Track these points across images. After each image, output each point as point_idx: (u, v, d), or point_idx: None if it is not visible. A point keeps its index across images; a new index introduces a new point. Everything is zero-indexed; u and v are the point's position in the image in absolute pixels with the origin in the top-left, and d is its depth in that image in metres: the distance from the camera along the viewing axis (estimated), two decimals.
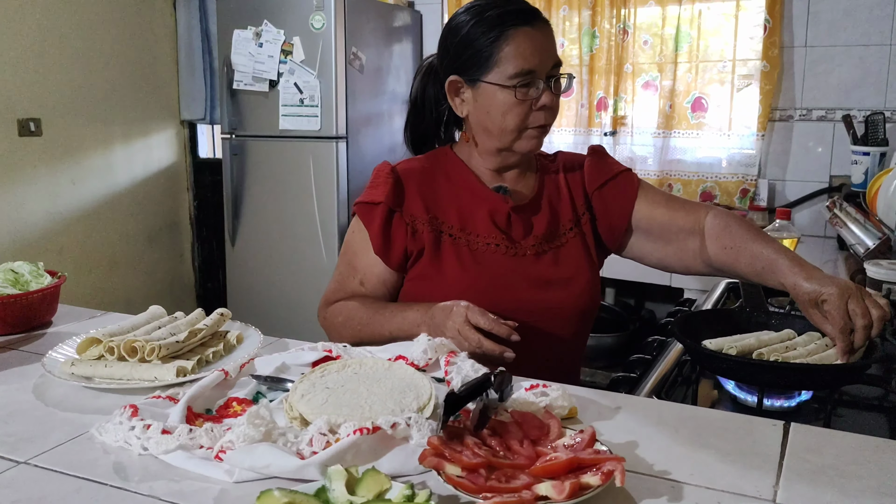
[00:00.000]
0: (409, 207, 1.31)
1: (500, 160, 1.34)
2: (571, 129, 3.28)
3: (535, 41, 1.23)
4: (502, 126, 1.27)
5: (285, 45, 3.04)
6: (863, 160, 2.66)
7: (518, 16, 1.24)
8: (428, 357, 0.99)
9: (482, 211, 1.32)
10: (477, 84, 1.27)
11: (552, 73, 1.26)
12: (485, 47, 1.24)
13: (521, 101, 1.24)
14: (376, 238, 1.29)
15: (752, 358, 1.00)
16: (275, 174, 3.14)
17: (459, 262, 1.29)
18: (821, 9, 2.79)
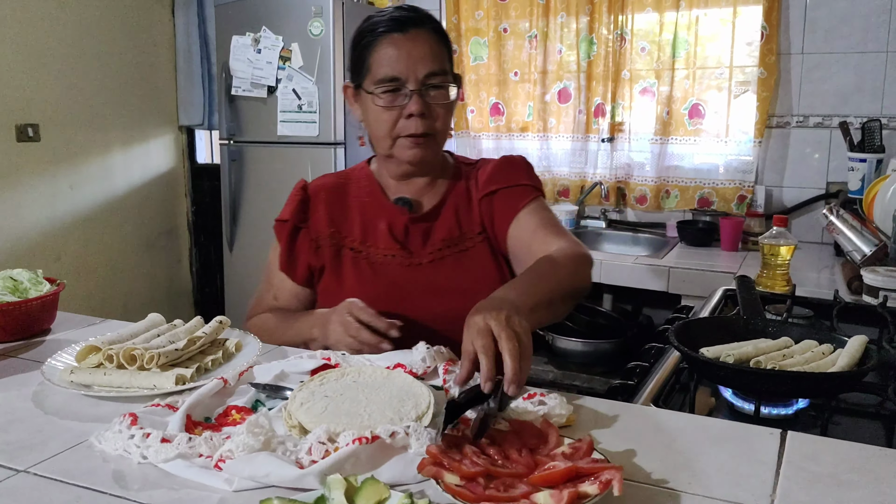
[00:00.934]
0: (314, 224, 1.37)
1: (395, 168, 1.35)
2: (569, 136, 3.29)
3: (402, 48, 1.24)
4: (376, 132, 1.29)
5: (284, 52, 3.05)
6: (859, 167, 2.67)
7: (392, 22, 1.25)
8: (426, 365, 0.99)
9: (382, 224, 1.35)
10: (359, 90, 1.31)
11: (428, 80, 1.25)
12: (360, 54, 1.28)
13: (386, 108, 1.25)
14: (282, 255, 1.37)
15: (750, 366, 1.01)
16: (273, 180, 3.15)
17: (358, 275, 1.33)
18: (817, 16, 2.80)
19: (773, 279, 1.81)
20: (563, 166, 3.33)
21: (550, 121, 3.31)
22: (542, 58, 3.27)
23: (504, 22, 3.32)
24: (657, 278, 2.63)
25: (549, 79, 3.28)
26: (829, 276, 2.39)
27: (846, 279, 2.23)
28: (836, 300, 1.58)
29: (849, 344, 1.07)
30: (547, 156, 3.34)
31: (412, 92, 1.24)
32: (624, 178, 3.21)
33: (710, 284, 2.49)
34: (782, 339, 1.13)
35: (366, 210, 1.37)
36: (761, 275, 1.82)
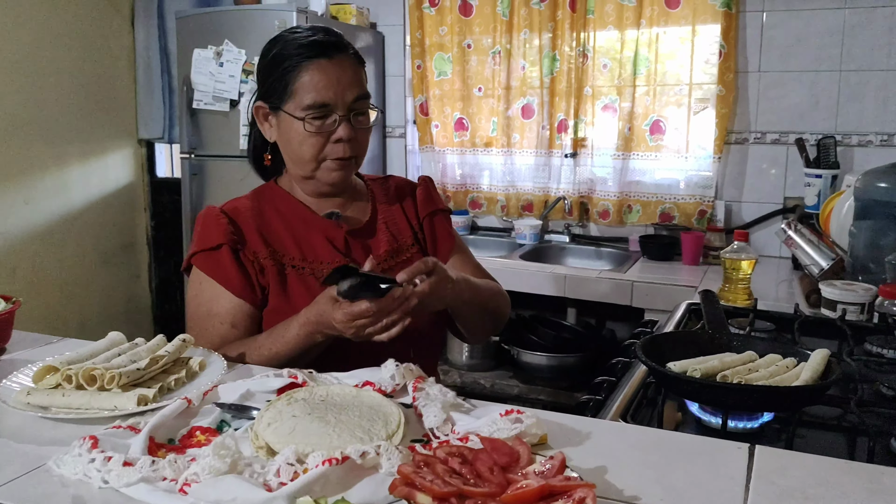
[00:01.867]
0: (250, 245, 1.31)
1: (314, 187, 1.36)
2: (532, 151, 3.31)
3: (330, 74, 1.26)
4: (299, 155, 1.29)
5: (246, 65, 3.02)
6: (815, 182, 2.74)
7: (317, 48, 1.26)
8: (395, 383, 0.98)
9: (319, 238, 1.34)
10: (278, 112, 1.30)
11: (355, 105, 1.29)
12: (282, 76, 1.26)
13: (314, 133, 1.26)
14: (235, 278, 1.28)
15: (717, 380, 1.02)
16: (234, 194, 3.06)
17: (308, 291, 1.28)
18: (774, 35, 2.87)
19: (735, 293, 1.83)
20: (526, 181, 3.35)
21: (514, 136, 3.33)
22: (505, 74, 3.29)
23: (468, 38, 3.34)
24: (621, 292, 2.65)
25: (512, 94, 3.30)
26: (788, 290, 2.44)
27: (804, 292, 2.28)
28: (796, 314, 1.61)
29: (811, 357, 1.09)
30: (511, 171, 3.36)
31: (341, 118, 1.28)
32: (587, 193, 3.25)
33: (673, 298, 2.52)
34: (747, 353, 1.14)
35: (295, 227, 1.35)
36: (723, 289, 1.85)
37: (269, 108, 1.32)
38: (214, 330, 1.28)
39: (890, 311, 1.66)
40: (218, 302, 1.29)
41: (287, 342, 1.20)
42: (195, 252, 1.31)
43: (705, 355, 1.15)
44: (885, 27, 2.71)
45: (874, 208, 1.94)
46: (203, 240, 1.30)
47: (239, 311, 1.29)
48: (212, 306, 1.29)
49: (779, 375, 1.06)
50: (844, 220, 2.16)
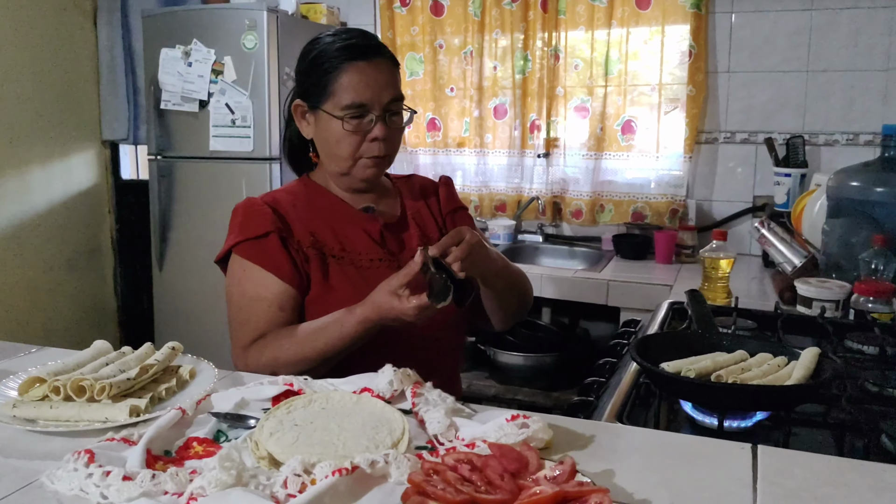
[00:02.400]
0: (295, 234, 1.36)
1: (348, 183, 1.42)
2: (505, 151, 3.32)
3: (369, 76, 1.32)
4: (336, 153, 1.35)
5: (216, 65, 2.97)
6: (785, 181, 2.78)
7: (355, 50, 1.32)
8: (394, 388, 0.97)
9: (356, 230, 1.41)
10: (317, 111, 1.36)
11: (390, 106, 1.35)
12: (322, 77, 1.33)
13: (352, 132, 1.32)
14: (283, 264, 1.32)
15: (712, 380, 1.02)
16: (205, 196, 3.05)
17: (348, 282, 1.34)
18: (742, 36, 2.91)
19: (715, 291, 1.85)
20: (499, 181, 3.35)
21: (487, 136, 3.33)
22: (477, 74, 3.29)
23: (439, 38, 3.33)
24: (596, 292, 2.66)
25: (484, 95, 3.30)
26: (760, 287, 2.47)
27: (777, 290, 2.31)
28: (777, 311, 1.63)
29: (802, 356, 1.10)
30: (484, 171, 3.36)
31: (377, 118, 1.33)
32: (560, 193, 3.26)
33: (648, 297, 2.54)
34: (738, 353, 1.15)
35: (334, 220, 1.41)
36: (703, 287, 1.87)
37: (307, 107, 1.38)
38: (263, 313, 1.32)
39: (865, 307, 1.69)
40: (265, 287, 1.32)
41: (343, 337, 1.24)
42: (240, 241, 1.34)
43: (696, 355, 1.16)
44: (850, 28, 2.77)
45: (846, 207, 1.97)
46: (248, 229, 1.34)
47: (286, 296, 1.32)
48: (259, 291, 1.32)
49: (771, 374, 1.07)
50: (817, 218, 2.20)
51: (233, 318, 1.36)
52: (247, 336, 1.32)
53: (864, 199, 1.91)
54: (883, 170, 1.92)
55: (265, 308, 1.32)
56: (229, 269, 1.38)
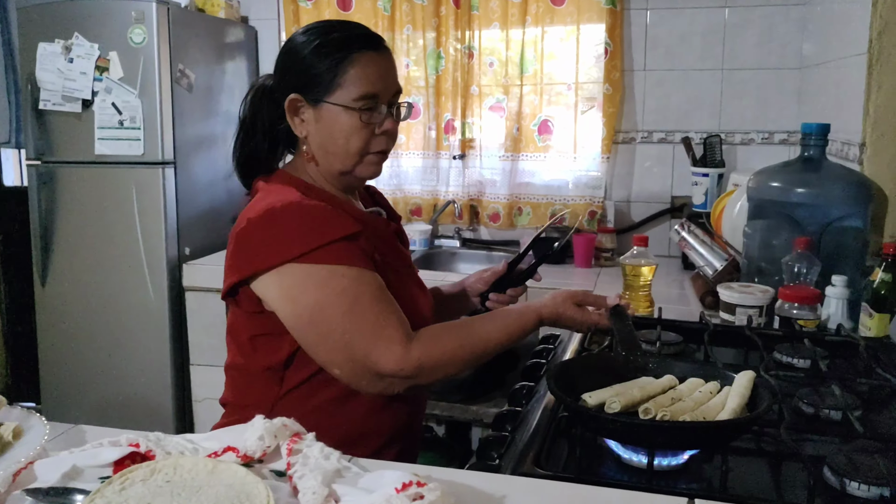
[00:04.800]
0: None
1: (345, 182, 1.33)
2: (420, 153, 3.17)
3: (380, 66, 1.26)
4: (345, 149, 1.26)
5: (101, 61, 2.71)
6: (702, 181, 2.73)
7: (364, 40, 1.26)
8: (266, 445, 0.80)
9: (387, 234, 1.37)
10: (319, 104, 1.26)
11: (393, 100, 1.29)
12: (329, 68, 1.24)
13: (365, 124, 1.25)
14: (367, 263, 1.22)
15: (641, 419, 0.89)
16: (91, 204, 2.79)
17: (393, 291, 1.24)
18: (658, 33, 2.85)
19: (637, 300, 1.75)
20: (414, 184, 3.20)
21: (400, 137, 3.16)
22: None
23: None
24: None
25: None
26: (681, 292, 2.40)
27: (698, 294, 2.24)
28: (703, 323, 1.54)
29: (736, 382, 0.99)
30: (398, 174, 3.20)
31: (387, 110, 1.27)
32: (476, 196, 3.13)
33: None
34: (667, 378, 1.04)
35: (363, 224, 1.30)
36: (623, 296, 1.77)
37: (305, 102, 1.26)
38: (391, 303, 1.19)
39: (790, 314, 1.62)
40: (372, 283, 1.20)
41: (524, 328, 1.27)
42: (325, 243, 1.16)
43: (621, 381, 1.04)
44: (763, 27, 2.74)
45: (767, 208, 1.90)
46: (328, 230, 1.18)
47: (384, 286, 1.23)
48: (371, 287, 1.19)
49: (704, 404, 0.95)
50: (737, 219, 2.14)
51: (362, 324, 1.15)
52: (400, 329, 1.16)
53: (785, 200, 1.85)
54: (803, 170, 1.86)
55: (387, 298, 1.20)
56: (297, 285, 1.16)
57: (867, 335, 1.55)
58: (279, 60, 1.32)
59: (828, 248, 1.80)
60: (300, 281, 1.16)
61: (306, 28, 1.30)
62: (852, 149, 1.99)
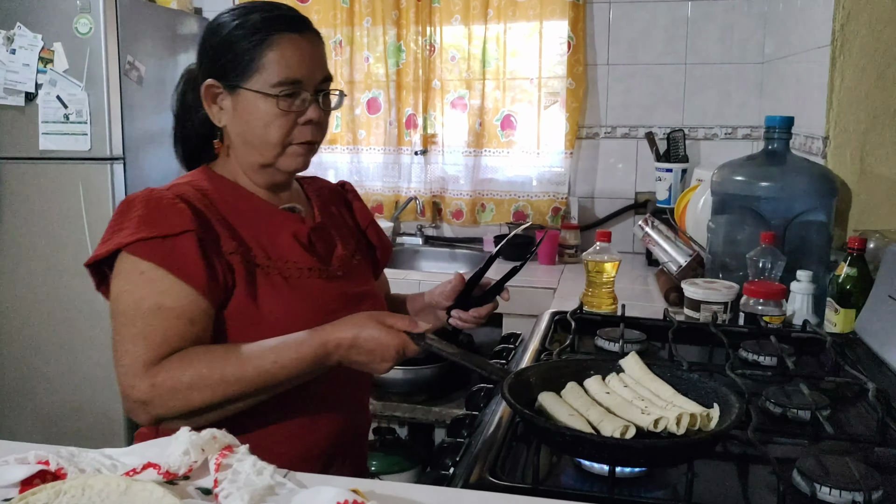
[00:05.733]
0: (220, 237, 1.13)
1: (268, 177, 1.24)
2: (381, 149, 3.10)
3: (303, 50, 1.17)
4: (264, 138, 1.17)
5: (44, 52, 2.59)
6: (666, 176, 2.70)
7: (285, 21, 1.17)
8: (191, 460, 0.73)
9: (284, 234, 1.22)
10: (237, 90, 1.17)
11: (321, 87, 1.20)
12: (247, 51, 1.15)
13: (285, 112, 1.16)
14: (200, 271, 1.07)
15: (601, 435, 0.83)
16: (35, 203, 2.67)
17: (276, 295, 1.15)
18: (621, 27, 2.81)
19: (600, 297, 1.70)
20: (375, 181, 3.13)
21: (360, 132, 3.10)
22: (348, 66, 3.05)
23: None
24: None
25: (356, 88, 3.07)
26: (644, 288, 2.37)
27: (663, 290, 2.20)
28: (666, 320, 1.49)
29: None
30: (358, 169, 3.12)
31: (312, 98, 1.18)
32: (439, 193, 3.07)
33: (532, 301, 2.39)
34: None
35: (255, 221, 1.20)
36: (587, 293, 1.72)
37: (223, 88, 1.18)
38: (170, 326, 1.05)
39: (755, 309, 1.58)
40: (172, 296, 1.07)
41: (301, 358, 1.04)
42: (143, 237, 1.07)
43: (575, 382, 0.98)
44: (725, 21, 2.72)
45: (731, 202, 1.87)
46: (154, 224, 1.08)
47: (198, 308, 1.08)
48: (163, 300, 1.06)
49: (666, 413, 0.89)
50: (701, 215, 2.10)
51: (124, 332, 1.06)
52: (150, 351, 1.03)
53: (749, 194, 1.82)
54: (767, 163, 1.83)
55: (173, 320, 1.06)
56: (119, 272, 1.09)
57: (833, 331, 1.52)
58: (200, 43, 1.23)
59: (792, 242, 1.77)
60: (116, 269, 1.10)
61: (231, 8, 1.20)
62: (816, 142, 1.97)
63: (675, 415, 0.87)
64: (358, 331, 1.04)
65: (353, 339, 1.04)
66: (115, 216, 1.13)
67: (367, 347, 1.04)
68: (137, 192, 1.14)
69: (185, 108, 1.27)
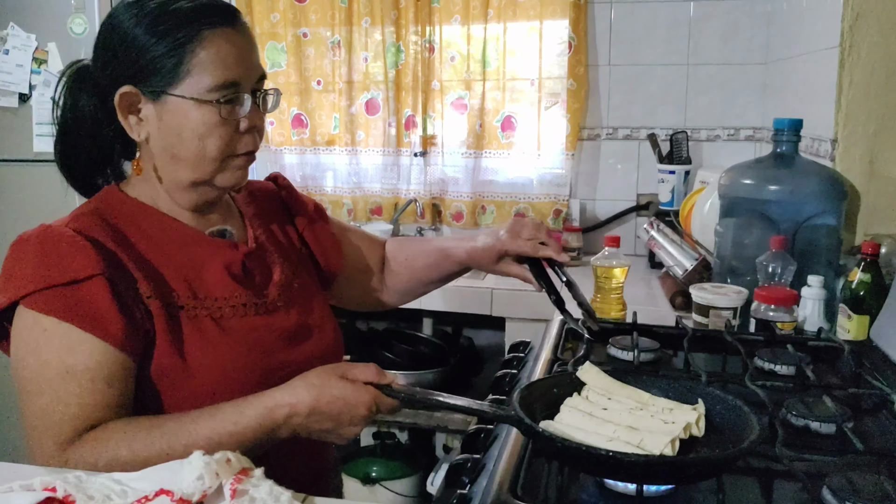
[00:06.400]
0: (131, 278, 0.97)
1: (197, 197, 1.07)
2: (380, 150, 3.06)
3: (239, 46, 1.01)
4: (200, 153, 1.01)
5: (38, 53, 2.56)
6: (669, 178, 2.68)
7: (214, 12, 1.00)
8: (206, 486, 0.69)
9: (212, 266, 1.06)
10: (162, 98, 0.99)
11: (257, 86, 1.05)
12: (172, 50, 0.97)
13: (225, 120, 1.00)
14: (113, 322, 0.92)
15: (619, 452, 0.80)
16: (30, 206, 2.63)
17: (204, 340, 1.00)
18: (622, 27, 2.78)
19: (609, 303, 1.68)
20: (374, 182, 3.10)
21: (359, 133, 3.07)
22: (346, 66, 3.02)
23: (303, 26, 3.04)
24: (480, 301, 2.47)
25: (355, 89, 3.04)
26: (648, 291, 2.34)
27: (667, 294, 2.18)
28: (680, 327, 1.47)
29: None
30: (357, 171, 3.09)
31: (252, 101, 1.02)
32: (439, 195, 3.04)
33: (535, 305, 2.36)
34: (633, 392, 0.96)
35: (175, 253, 1.04)
36: (595, 299, 1.69)
37: (144, 95, 1.00)
38: (84, 392, 0.91)
39: (767, 315, 1.56)
40: (83, 353, 0.92)
41: (240, 433, 0.90)
42: (40, 288, 0.92)
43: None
44: (728, 21, 2.69)
45: (739, 206, 1.85)
46: (54, 270, 0.92)
47: (116, 365, 0.93)
48: (72, 361, 0.91)
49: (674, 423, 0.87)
50: (707, 218, 2.08)
51: (31, 404, 0.92)
52: (64, 427, 0.90)
53: (758, 197, 1.79)
54: (776, 166, 1.81)
55: (87, 384, 0.91)
56: (18, 329, 0.94)
57: (846, 338, 1.50)
58: (100, 39, 1.02)
59: (801, 246, 1.75)
60: (15, 326, 0.95)
61: (132, 2, 1.00)
62: (823, 144, 1.95)
63: (692, 419, 0.86)
64: (318, 392, 0.91)
65: (313, 405, 0.91)
66: (7, 261, 0.97)
67: (331, 412, 0.91)
68: (31, 230, 0.98)
69: (79, 118, 1.06)
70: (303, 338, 1.12)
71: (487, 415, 0.94)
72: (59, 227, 0.98)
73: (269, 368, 1.02)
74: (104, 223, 1.01)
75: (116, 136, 1.06)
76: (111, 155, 1.10)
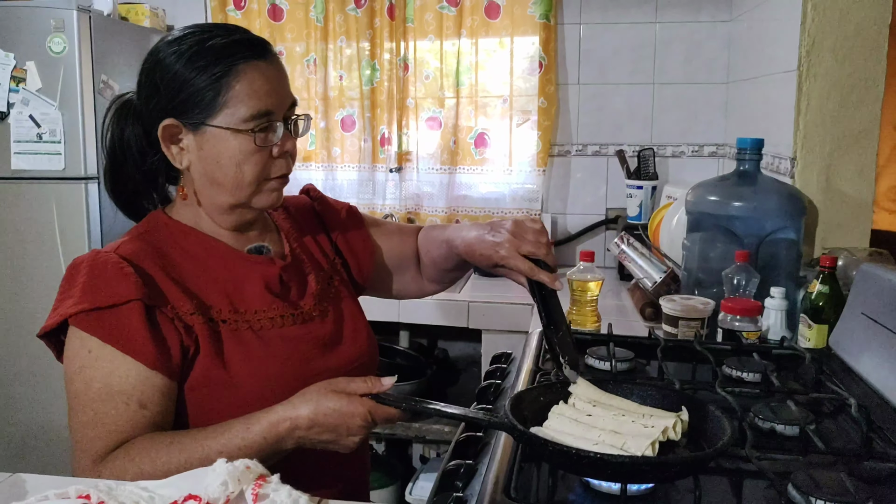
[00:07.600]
0: (170, 299, 1.05)
1: (236, 218, 1.16)
2: (355, 166, 3.12)
3: (271, 78, 1.08)
4: (238, 178, 1.09)
5: (17, 71, 2.57)
6: (637, 193, 2.77)
7: (248, 46, 1.07)
8: (229, 491, 0.75)
9: (251, 281, 1.14)
10: (201, 128, 1.07)
11: (289, 113, 1.12)
12: (209, 84, 1.05)
13: (260, 147, 1.08)
14: (146, 344, 0.99)
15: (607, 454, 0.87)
16: (8, 222, 2.64)
17: (244, 351, 1.08)
18: (591, 48, 2.89)
19: (584, 315, 1.75)
20: (350, 198, 3.15)
21: (335, 150, 3.12)
22: (322, 83, 3.07)
23: (279, 44, 3.09)
24: (456, 314, 2.53)
25: (330, 105, 3.09)
26: (618, 302, 2.43)
27: (637, 306, 2.27)
28: (652, 338, 1.55)
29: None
30: (333, 186, 3.14)
31: (284, 128, 1.10)
32: (414, 210, 3.11)
33: (511, 317, 2.44)
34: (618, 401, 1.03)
35: (216, 270, 1.12)
36: (571, 311, 1.77)
37: (185, 127, 1.08)
38: (120, 414, 0.99)
39: (733, 325, 1.65)
40: (120, 375, 0.99)
41: (248, 446, 0.96)
42: (84, 309, 0.99)
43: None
44: (691, 42, 2.81)
45: (705, 221, 1.94)
46: (96, 294, 1.00)
47: (149, 387, 1.00)
48: (112, 381, 0.99)
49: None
50: (675, 232, 2.17)
51: (75, 420, 1.01)
52: (98, 444, 0.98)
53: (723, 213, 1.89)
54: (739, 184, 1.90)
55: (121, 406, 0.98)
56: (68, 347, 1.02)
57: (807, 346, 1.59)
58: (144, 76, 1.10)
59: (764, 259, 1.84)
60: (67, 344, 1.03)
61: (178, 36, 1.08)
62: (783, 162, 2.06)
63: (670, 423, 0.93)
64: (314, 406, 0.96)
65: (312, 418, 0.96)
66: (63, 282, 1.05)
67: (328, 424, 0.95)
68: (84, 255, 1.07)
69: (125, 148, 1.15)
70: (338, 345, 1.19)
71: (482, 422, 1.00)
72: (107, 252, 1.06)
73: (307, 375, 1.07)
74: (150, 247, 1.09)
75: (161, 164, 1.15)
76: (156, 181, 1.18)
